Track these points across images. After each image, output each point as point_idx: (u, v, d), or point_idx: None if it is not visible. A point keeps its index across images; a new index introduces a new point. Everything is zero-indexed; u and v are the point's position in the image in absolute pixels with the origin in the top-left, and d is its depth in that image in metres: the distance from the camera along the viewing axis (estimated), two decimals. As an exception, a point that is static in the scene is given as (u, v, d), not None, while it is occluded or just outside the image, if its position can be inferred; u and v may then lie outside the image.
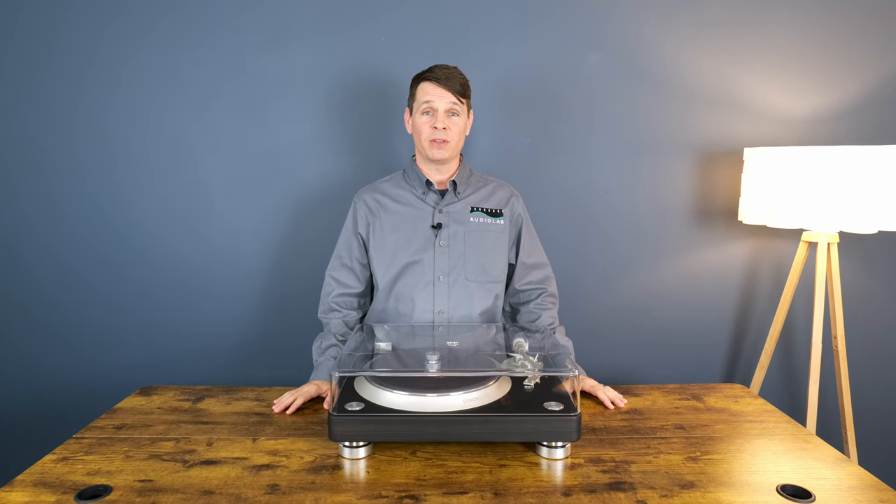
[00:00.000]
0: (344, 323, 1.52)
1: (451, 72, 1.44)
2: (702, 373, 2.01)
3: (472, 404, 1.09)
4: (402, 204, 1.53)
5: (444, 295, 1.48)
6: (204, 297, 1.92)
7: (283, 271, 1.92)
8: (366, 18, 1.80)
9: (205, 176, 1.87)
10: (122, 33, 1.79)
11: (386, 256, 1.50)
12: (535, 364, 1.18)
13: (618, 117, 1.87)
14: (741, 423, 1.25)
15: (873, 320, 1.96)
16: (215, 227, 1.89)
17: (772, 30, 1.82)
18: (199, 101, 1.83)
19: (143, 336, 1.94)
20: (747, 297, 1.97)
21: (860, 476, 1.02)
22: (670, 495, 0.96)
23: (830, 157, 1.54)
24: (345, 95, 1.84)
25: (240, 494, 0.97)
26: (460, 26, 1.81)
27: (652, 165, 1.89)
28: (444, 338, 1.40)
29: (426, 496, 0.96)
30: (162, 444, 1.15)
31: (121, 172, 1.86)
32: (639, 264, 1.94)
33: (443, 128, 1.43)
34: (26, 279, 1.91)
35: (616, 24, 1.82)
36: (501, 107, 1.85)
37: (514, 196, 1.58)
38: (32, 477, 1.02)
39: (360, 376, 1.20)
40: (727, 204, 1.91)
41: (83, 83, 1.81)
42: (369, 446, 1.09)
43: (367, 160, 1.87)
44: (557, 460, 1.07)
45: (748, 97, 1.85)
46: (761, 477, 1.03)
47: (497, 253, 1.52)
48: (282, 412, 1.29)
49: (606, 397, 1.34)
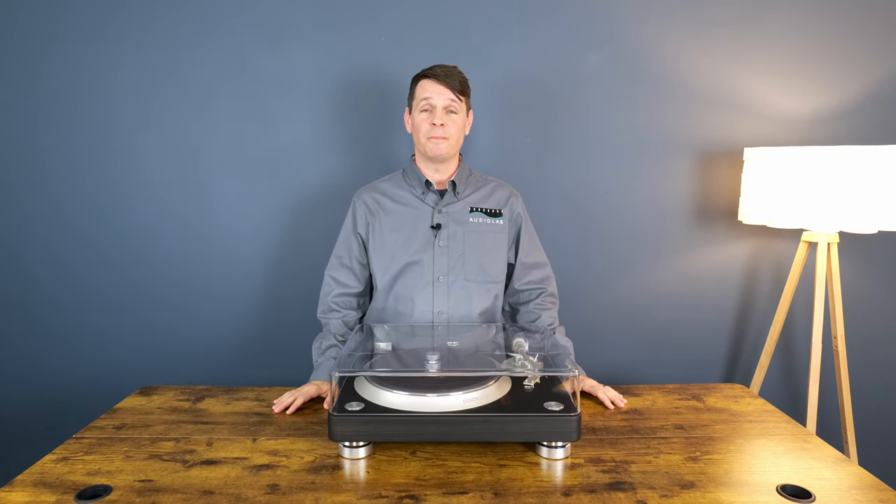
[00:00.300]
0: (343, 323, 1.52)
1: (450, 70, 1.45)
2: (702, 373, 2.01)
3: (472, 404, 1.09)
4: (401, 204, 1.53)
5: (444, 295, 1.48)
6: (204, 297, 1.92)
7: (283, 271, 1.92)
8: (366, 18, 1.80)
9: (205, 176, 1.87)
10: (122, 33, 1.79)
11: (385, 256, 1.51)
12: (535, 364, 1.18)
13: (618, 117, 1.87)
14: (741, 423, 1.25)
15: (873, 320, 1.96)
16: (215, 227, 1.89)
17: (772, 30, 1.82)
18: (199, 101, 1.83)
19: (143, 336, 1.94)
20: (747, 297, 1.97)
21: (860, 476, 1.02)
22: (670, 495, 0.96)
23: (830, 157, 1.54)
24: (345, 95, 1.84)
25: (240, 494, 0.97)
26: (460, 26, 1.81)
27: (652, 165, 1.89)
28: (444, 338, 1.40)
29: (426, 496, 0.96)
30: (162, 444, 1.15)
31: (121, 172, 1.86)
32: (639, 264, 1.94)
33: (440, 124, 1.43)
34: (26, 279, 1.91)
35: (616, 24, 1.82)
36: (501, 107, 1.85)
37: (513, 196, 1.57)
38: (32, 477, 1.02)
39: (360, 376, 1.20)
40: (727, 204, 1.91)
41: (83, 83, 1.81)
42: (369, 446, 1.09)
43: (367, 160, 1.87)
44: (557, 460, 1.07)
45: (748, 97, 1.86)
46: (761, 477, 1.03)
47: (496, 253, 1.52)
48: (282, 412, 1.29)
49: (606, 397, 1.34)
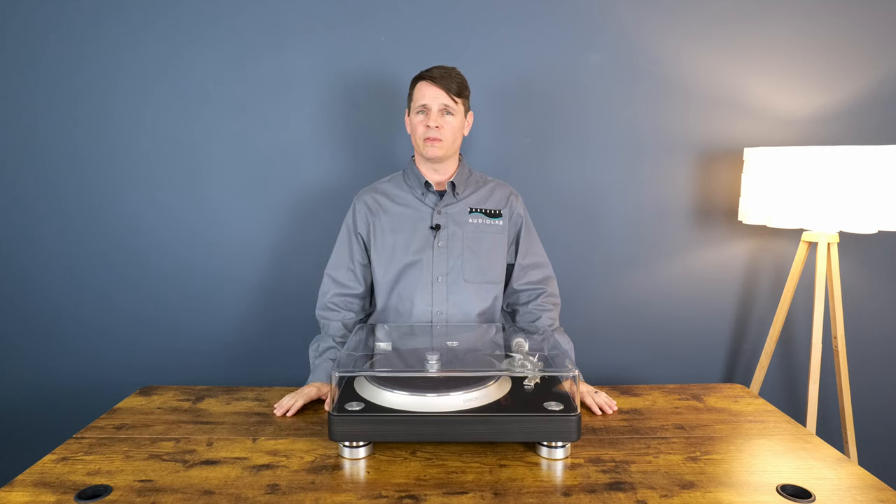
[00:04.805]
0: (343, 325, 1.52)
1: (447, 71, 1.44)
2: (702, 373, 2.01)
3: (472, 404, 1.09)
4: (401, 205, 1.53)
5: (443, 296, 1.48)
6: (204, 296, 1.92)
7: (283, 271, 1.92)
8: (366, 18, 1.80)
9: (205, 176, 1.87)
10: (122, 33, 1.79)
11: (385, 257, 1.50)
12: (534, 364, 1.18)
13: (618, 117, 1.86)
14: (741, 423, 1.25)
15: (873, 320, 1.96)
16: (215, 227, 1.89)
17: (772, 30, 1.82)
18: (198, 101, 1.83)
19: (143, 336, 1.94)
20: (747, 297, 1.97)
21: (860, 476, 1.02)
22: (670, 495, 0.96)
23: (830, 157, 1.54)
24: (345, 95, 1.84)
25: (240, 494, 0.97)
26: (460, 26, 1.81)
27: (652, 165, 1.89)
28: (444, 338, 1.40)
29: (426, 496, 0.96)
30: (162, 444, 1.15)
31: (120, 172, 1.86)
32: (639, 264, 1.94)
33: (436, 126, 1.43)
34: (26, 279, 1.91)
35: (616, 24, 1.82)
36: (501, 107, 1.85)
37: (513, 196, 1.57)
38: (32, 477, 1.02)
39: (359, 376, 1.20)
40: (727, 204, 1.91)
41: (82, 83, 1.81)
42: (369, 446, 1.09)
43: (367, 160, 1.87)
44: (557, 460, 1.07)
45: (748, 97, 1.85)
46: (761, 477, 1.03)
47: (495, 254, 1.52)
48: (283, 415, 1.29)
49: (594, 403, 1.32)
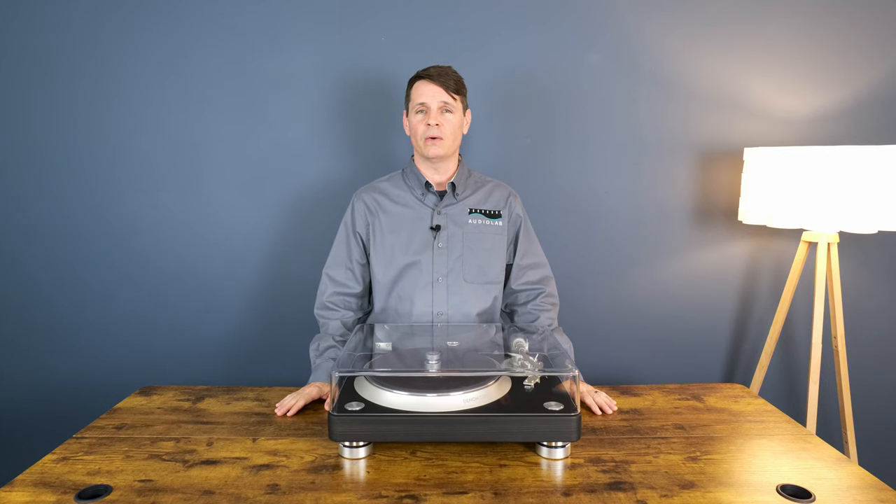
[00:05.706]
0: (342, 324, 1.52)
1: (443, 70, 1.45)
2: (702, 373, 2.01)
3: (472, 404, 1.09)
4: (400, 205, 1.53)
5: (443, 296, 1.48)
6: (204, 296, 1.92)
7: (283, 271, 1.92)
8: (366, 18, 1.80)
9: (205, 176, 1.87)
10: (122, 33, 1.79)
11: (385, 257, 1.50)
12: (534, 364, 1.18)
13: (618, 117, 1.86)
14: (741, 423, 1.25)
15: (873, 320, 1.96)
16: (215, 227, 1.89)
17: (772, 30, 1.82)
18: (199, 101, 1.83)
19: (143, 336, 1.94)
20: (747, 297, 1.97)
21: (860, 476, 1.02)
22: (670, 495, 0.96)
23: (830, 157, 1.54)
24: (345, 95, 1.84)
25: (240, 494, 0.97)
26: (460, 26, 1.81)
27: (652, 165, 1.89)
28: (444, 338, 1.40)
29: (426, 496, 0.96)
30: (162, 444, 1.15)
31: (121, 172, 1.86)
32: (638, 264, 1.94)
33: (436, 124, 1.43)
34: (26, 279, 1.91)
35: (616, 25, 1.82)
36: (501, 107, 1.85)
37: (512, 196, 1.57)
38: (32, 477, 1.02)
39: (359, 376, 1.20)
40: (727, 204, 1.91)
41: (83, 83, 1.81)
42: (369, 446, 1.09)
43: (367, 160, 1.87)
44: (557, 460, 1.07)
45: (748, 97, 1.85)
46: (761, 477, 1.03)
47: (495, 254, 1.52)
48: (283, 415, 1.29)
49: (594, 403, 1.32)
